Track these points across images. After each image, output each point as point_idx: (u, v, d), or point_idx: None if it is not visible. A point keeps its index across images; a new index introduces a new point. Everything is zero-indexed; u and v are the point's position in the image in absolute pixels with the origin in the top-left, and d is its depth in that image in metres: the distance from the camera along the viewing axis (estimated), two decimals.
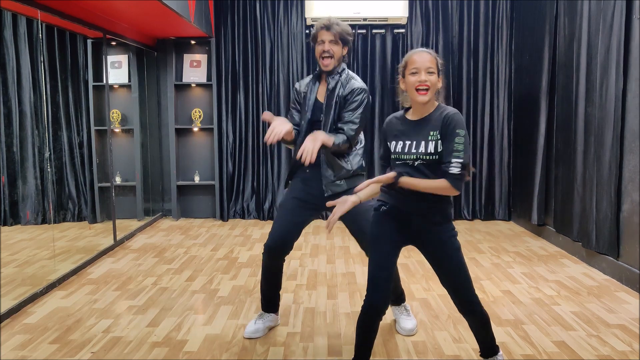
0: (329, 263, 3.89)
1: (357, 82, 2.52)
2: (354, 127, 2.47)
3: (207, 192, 5.52)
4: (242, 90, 5.36)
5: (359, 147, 2.59)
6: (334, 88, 2.52)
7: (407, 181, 1.95)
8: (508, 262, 3.88)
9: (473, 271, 3.64)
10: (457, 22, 5.25)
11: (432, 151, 1.94)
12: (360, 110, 2.49)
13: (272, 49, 5.31)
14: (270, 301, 2.70)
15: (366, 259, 3.84)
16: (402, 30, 5.26)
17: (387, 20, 5.16)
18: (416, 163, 1.97)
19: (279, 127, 2.30)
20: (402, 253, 4.16)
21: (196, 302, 3.10)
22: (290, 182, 2.67)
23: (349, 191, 2.38)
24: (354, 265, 3.82)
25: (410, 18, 5.23)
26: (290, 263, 3.84)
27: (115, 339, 2.60)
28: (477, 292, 3.20)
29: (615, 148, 3.36)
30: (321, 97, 2.56)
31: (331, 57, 2.49)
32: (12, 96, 3.63)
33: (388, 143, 2.07)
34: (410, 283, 3.41)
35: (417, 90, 1.95)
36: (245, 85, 5.36)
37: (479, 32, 5.25)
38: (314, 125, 2.53)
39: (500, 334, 2.64)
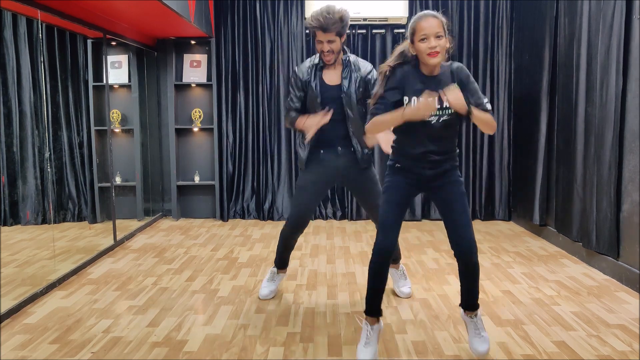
0: (329, 263, 3.89)
1: (364, 62, 2.84)
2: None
3: (207, 192, 5.52)
4: (242, 90, 5.37)
5: None
6: (349, 72, 2.78)
7: (477, 113, 2.08)
8: (508, 262, 3.88)
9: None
10: (457, 22, 5.25)
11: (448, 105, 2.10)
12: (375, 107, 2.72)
13: (272, 49, 5.31)
14: (284, 261, 3.16)
15: (366, 259, 3.85)
16: (402, 30, 5.25)
17: (387, 20, 5.16)
18: (441, 119, 2.13)
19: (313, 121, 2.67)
20: (402, 253, 4.17)
21: (196, 302, 3.10)
22: (307, 163, 2.90)
23: (371, 163, 2.87)
24: (354, 265, 3.82)
25: (410, 18, 5.21)
26: (291, 263, 3.83)
27: (115, 339, 2.60)
28: None
29: (615, 148, 3.36)
30: (329, 81, 2.80)
31: (332, 52, 2.71)
32: (12, 96, 3.63)
33: (406, 97, 2.14)
34: (411, 283, 3.40)
35: (429, 55, 2.08)
36: (245, 85, 5.36)
37: (479, 32, 5.25)
38: (328, 102, 2.75)
39: (500, 334, 2.64)
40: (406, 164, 2.25)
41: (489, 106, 2.13)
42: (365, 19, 5.14)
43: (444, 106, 2.10)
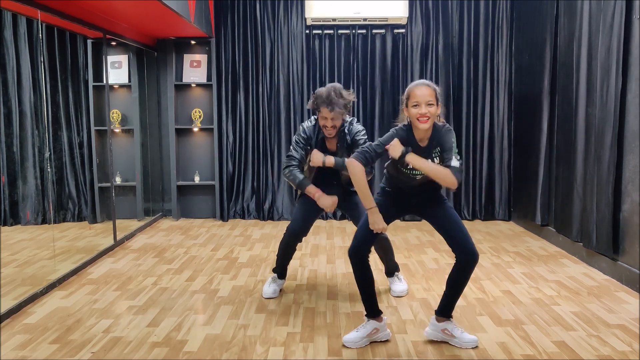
0: (329, 263, 3.89)
1: (356, 126, 3.02)
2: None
3: (207, 192, 5.52)
4: (242, 90, 5.36)
5: None
6: (343, 138, 3.00)
7: (414, 159, 2.33)
8: (508, 262, 3.87)
9: (473, 271, 3.64)
10: (457, 22, 5.25)
11: (438, 162, 2.39)
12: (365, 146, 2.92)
13: (272, 49, 5.31)
14: (283, 269, 3.26)
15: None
16: (402, 31, 5.26)
17: (387, 21, 5.16)
18: (418, 176, 2.43)
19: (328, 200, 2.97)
20: (401, 253, 4.17)
21: (196, 302, 3.10)
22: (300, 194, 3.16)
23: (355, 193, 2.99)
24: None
25: (410, 18, 5.23)
26: (291, 263, 3.83)
27: (115, 339, 2.59)
28: (477, 291, 3.22)
29: (615, 148, 3.35)
30: (330, 147, 3.05)
31: (334, 127, 2.93)
32: (12, 96, 3.64)
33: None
34: (411, 283, 3.40)
35: (418, 120, 2.32)
36: (245, 85, 5.36)
37: (479, 32, 5.25)
38: (325, 169, 3.02)
39: (500, 334, 2.64)
40: (395, 192, 2.55)
41: (455, 162, 2.33)
42: (365, 19, 5.14)
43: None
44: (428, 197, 2.53)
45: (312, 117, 3.09)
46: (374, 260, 3.30)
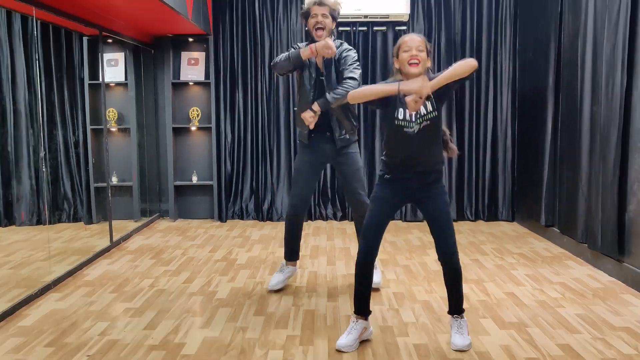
0: (329, 265, 3.85)
1: (346, 44, 3.07)
2: (354, 79, 2.97)
3: (205, 192, 5.48)
4: (240, 88, 5.32)
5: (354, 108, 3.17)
6: (334, 57, 2.99)
7: (435, 82, 2.25)
8: (512, 263, 3.83)
9: (476, 273, 3.60)
10: (459, 19, 5.20)
11: (431, 109, 2.35)
12: (354, 65, 3.00)
13: (271, 47, 5.26)
14: (293, 251, 3.26)
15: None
16: (404, 28, 5.20)
17: (388, 18, 5.11)
18: (422, 124, 2.34)
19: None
20: (403, 255, 4.13)
21: (194, 305, 3.06)
22: (300, 141, 3.21)
23: (351, 145, 3.11)
24: (354, 267, 3.77)
25: (412, 15, 5.18)
26: None
27: (111, 342, 2.55)
28: (480, 293, 3.18)
29: (620, 147, 3.31)
30: (319, 63, 3.04)
31: (323, 28, 2.96)
32: (7, 95, 3.60)
33: (395, 109, 2.36)
34: (412, 285, 3.36)
35: (409, 64, 2.30)
36: (244, 83, 5.31)
37: (482, 29, 5.20)
38: (317, 83, 3.04)
39: (504, 336, 2.60)
40: (395, 175, 2.45)
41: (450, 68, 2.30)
42: (366, 16, 5.10)
43: (422, 113, 2.34)
44: (428, 182, 2.44)
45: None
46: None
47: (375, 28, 5.23)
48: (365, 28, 5.22)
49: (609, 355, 2.38)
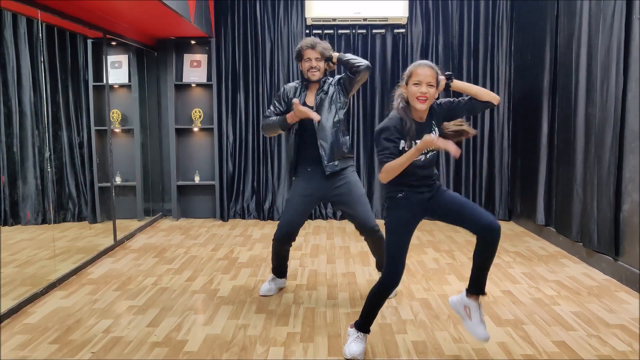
0: (329, 263, 3.89)
1: (337, 77, 3.10)
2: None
3: (207, 192, 5.52)
4: (242, 90, 5.36)
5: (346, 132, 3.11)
6: (327, 90, 3.02)
7: (458, 83, 2.43)
8: (508, 262, 3.87)
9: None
10: (457, 22, 5.25)
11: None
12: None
13: (273, 49, 5.31)
14: (280, 270, 3.26)
15: (366, 259, 3.85)
16: (402, 31, 5.26)
17: (387, 20, 5.16)
18: (429, 155, 2.37)
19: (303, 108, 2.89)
20: None
21: (196, 302, 3.10)
22: (294, 178, 3.12)
23: (343, 170, 3.02)
24: (354, 266, 3.82)
25: (410, 18, 5.22)
26: (291, 263, 3.82)
27: (115, 339, 2.59)
28: None
29: (615, 148, 3.35)
30: (310, 102, 3.03)
31: (318, 70, 2.99)
32: (12, 96, 3.63)
33: (403, 142, 2.32)
34: (411, 283, 3.40)
35: (417, 99, 2.28)
36: (245, 85, 5.36)
37: (479, 32, 5.25)
38: (304, 124, 2.98)
39: (500, 334, 2.64)
40: (407, 192, 2.38)
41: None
42: (365, 19, 5.14)
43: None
44: (435, 188, 2.43)
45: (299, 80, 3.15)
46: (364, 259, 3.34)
47: (374, 31, 5.27)
48: (364, 31, 5.27)
49: (604, 352, 2.42)
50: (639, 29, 3.16)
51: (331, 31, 5.29)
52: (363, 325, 2.44)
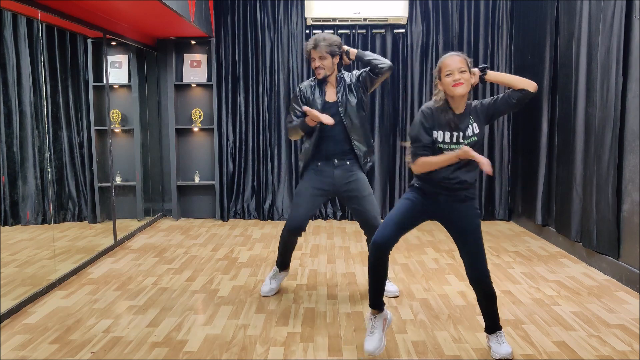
0: (329, 263, 3.89)
1: (355, 71, 3.07)
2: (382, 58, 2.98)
3: (207, 192, 5.53)
4: (242, 90, 5.37)
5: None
6: (347, 84, 3.01)
7: (492, 74, 2.38)
8: (508, 262, 3.87)
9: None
10: (457, 22, 5.25)
11: (471, 134, 2.32)
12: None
13: (273, 49, 5.31)
14: (285, 262, 3.26)
15: (366, 259, 3.83)
16: (402, 30, 5.26)
17: (387, 20, 5.16)
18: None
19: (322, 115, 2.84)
20: (401, 253, 4.17)
21: (196, 302, 3.10)
22: (305, 172, 3.11)
23: (353, 166, 3.03)
24: (354, 265, 3.82)
25: (410, 18, 5.23)
26: (291, 263, 3.83)
27: (115, 339, 2.60)
28: None
29: (615, 148, 3.35)
30: (329, 98, 3.02)
31: (323, 69, 2.97)
32: (12, 96, 3.63)
33: (434, 132, 2.30)
34: (411, 283, 3.41)
35: (453, 86, 2.25)
36: (245, 85, 5.36)
37: (479, 32, 5.25)
38: (338, 125, 2.95)
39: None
40: (424, 187, 2.38)
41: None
42: (365, 19, 5.14)
43: (469, 134, 2.31)
44: (458, 200, 2.36)
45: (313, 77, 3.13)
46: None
47: (374, 31, 5.27)
48: (364, 31, 5.27)
49: (604, 352, 2.43)
50: (639, 29, 3.16)
51: (331, 31, 5.28)
52: (370, 301, 2.43)
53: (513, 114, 5.25)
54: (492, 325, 2.43)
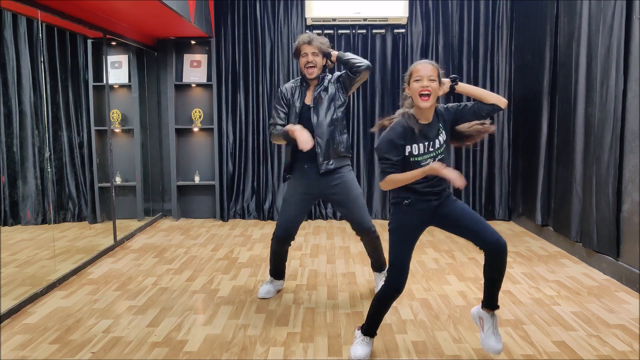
0: (329, 263, 3.89)
1: (336, 73, 3.07)
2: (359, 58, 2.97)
3: (207, 192, 5.53)
4: (242, 90, 5.37)
5: (345, 130, 3.07)
6: (327, 87, 2.99)
7: (462, 86, 2.38)
8: (508, 262, 3.84)
9: (473, 271, 3.65)
10: (457, 22, 5.25)
11: (442, 141, 2.32)
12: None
13: (272, 49, 5.31)
14: (278, 272, 3.22)
15: (366, 259, 3.84)
16: (402, 31, 5.26)
17: (387, 20, 5.16)
18: (437, 158, 2.30)
19: (303, 134, 2.80)
20: None
21: (196, 302, 3.11)
22: (288, 176, 3.09)
23: (338, 169, 2.99)
24: (354, 266, 3.82)
25: (410, 18, 5.23)
26: (291, 263, 3.84)
27: (115, 339, 2.60)
28: (477, 291, 3.23)
29: (615, 148, 3.36)
30: (307, 101, 3.00)
31: (314, 66, 2.94)
32: (12, 96, 3.63)
33: (407, 147, 2.28)
34: (411, 283, 3.41)
35: (420, 95, 2.22)
36: (245, 85, 5.37)
37: (479, 32, 5.25)
38: (303, 122, 2.94)
39: (500, 333, 2.63)
40: (413, 199, 2.33)
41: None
42: (365, 19, 5.15)
43: (437, 146, 2.30)
44: (444, 197, 2.37)
45: (297, 78, 3.11)
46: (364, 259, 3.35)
47: (374, 31, 5.28)
48: (364, 31, 5.27)
49: (604, 352, 2.43)
50: (639, 29, 3.16)
51: (331, 31, 5.29)
52: (368, 329, 2.43)
53: (514, 114, 5.24)
54: (492, 301, 2.37)
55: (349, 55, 2.98)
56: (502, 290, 3.26)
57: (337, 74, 3.06)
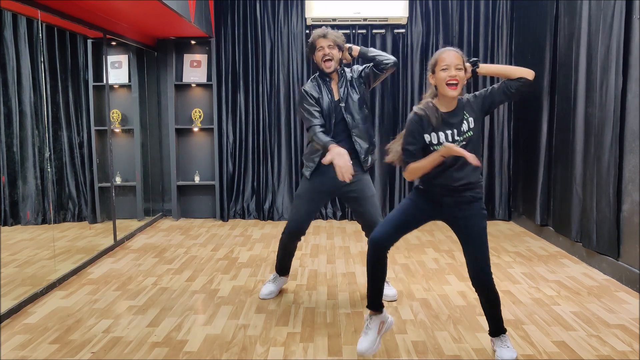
0: (329, 263, 3.89)
1: (357, 66, 3.03)
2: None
3: (207, 192, 5.53)
4: (242, 90, 5.37)
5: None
6: (348, 79, 2.97)
7: (486, 67, 2.35)
8: (508, 262, 3.88)
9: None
10: (457, 22, 5.25)
11: (467, 129, 2.25)
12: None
13: (273, 49, 5.31)
14: (284, 268, 3.22)
15: (366, 260, 3.81)
16: (402, 30, 5.26)
17: (387, 20, 5.16)
18: (460, 145, 2.22)
19: (346, 162, 2.61)
20: (401, 253, 4.17)
21: (196, 302, 3.11)
22: (307, 172, 3.04)
23: (362, 170, 2.97)
24: (354, 266, 3.82)
25: (410, 18, 5.23)
26: (291, 263, 3.83)
27: (115, 339, 2.60)
28: None
29: (615, 148, 3.36)
30: (337, 96, 2.96)
31: (331, 59, 2.90)
32: (12, 96, 3.63)
33: (426, 136, 2.25)
34: (411, 283, 3.41)
35: (447, 85, 2.19)
36: (245, 85, 5.37)
37: (479, 32, 5.25)
38: (340, 122, 2.93)
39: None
40: (427, 190, 2.34)
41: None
42: (365, 19, 5.15)
43: (463, 130, 2.25)
44: (464, 201, 2.30)
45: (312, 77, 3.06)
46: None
47: (374, 31, 5.28)
48: (364, 31, 5.27)
49: (604, 352, 2.43)
50: (639, 29, 3.16)
51: None
52: (373, 303, 2.39)
53: (514, 115, 5.25)
54: (496, 328, 2.39)
55: (374, 51, 2.95)
56: (502, 290, 3.26)
57: (357, 67, 3.01)
